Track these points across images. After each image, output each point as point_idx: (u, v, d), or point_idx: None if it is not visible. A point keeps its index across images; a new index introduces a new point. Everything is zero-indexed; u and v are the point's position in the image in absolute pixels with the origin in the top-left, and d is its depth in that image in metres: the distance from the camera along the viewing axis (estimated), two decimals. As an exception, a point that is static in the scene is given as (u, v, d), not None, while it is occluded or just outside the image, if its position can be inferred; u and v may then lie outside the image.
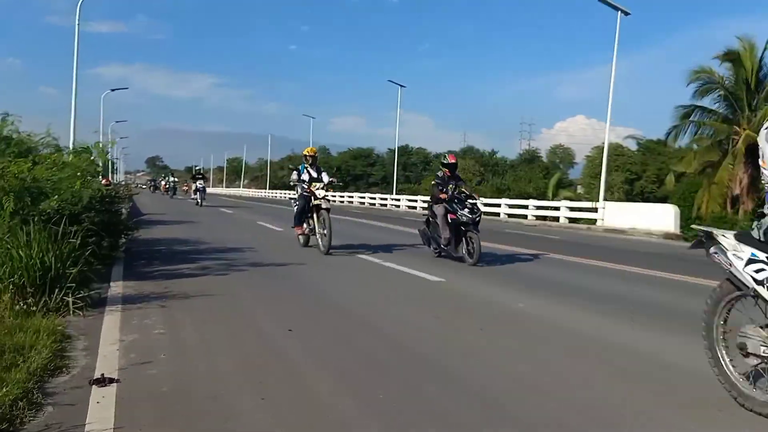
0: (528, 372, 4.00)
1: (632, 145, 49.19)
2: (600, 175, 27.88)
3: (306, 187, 10.58)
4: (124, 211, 9.82)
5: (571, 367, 4.15)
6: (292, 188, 13.68)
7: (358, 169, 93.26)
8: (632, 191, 45.35)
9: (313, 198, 10.39)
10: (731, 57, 26.52)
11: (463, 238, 9.29)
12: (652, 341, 4.98)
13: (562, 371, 4.06)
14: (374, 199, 46.95)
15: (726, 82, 27.05)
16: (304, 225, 10.79)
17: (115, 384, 3.54)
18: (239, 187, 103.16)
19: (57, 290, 5.25)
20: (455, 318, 5.66)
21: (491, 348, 4.62)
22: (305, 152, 11.27)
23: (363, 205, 45.65)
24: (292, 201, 11.60)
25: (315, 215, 10.42)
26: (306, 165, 10.98)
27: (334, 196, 55.12)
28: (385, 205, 43.03)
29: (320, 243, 10.23)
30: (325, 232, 10.02)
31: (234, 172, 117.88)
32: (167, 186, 46.24)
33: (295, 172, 10.97)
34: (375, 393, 3.50)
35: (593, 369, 4.12)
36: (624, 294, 7.44)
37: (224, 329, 5.02)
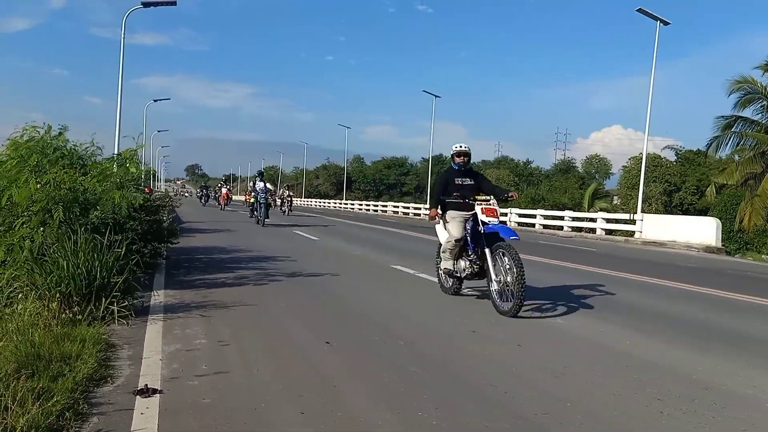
0: (570, 390, 3.94)
1: (671, 156, 48.27)
2: (637, 186, 27.43)
3: None
4: (165, 220, 9.97)
5: (612, 386, 4.07)
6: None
7: (391, 178, 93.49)
8: (671, 203, 44.44)
9: None
10: (775, 66, 25.88)
11: None
12: (691, 361, 4.87)
13: (602, 391, 3.99)
14: (408, 208, 46.95)
15: (769, 92, 26.38)
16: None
17: (158, 395, 3.61)
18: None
19: (102, 299, 5.37)
20: (492, 333, 5.61)
21: (531, 366, 4.56)
22: None
23: (397, 215, 45.68)
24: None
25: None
26: None
27: (368, 206, 55.41)
28: (419, 214, 42.96)
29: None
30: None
31: (270, 181, 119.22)
32: (258, 201, 21.94)
33: None
34: (415, 410, 3.49)
35: (634, 389, 4.03)
36: (664, 310, 7.29)
37: (263, 340, 5.07)
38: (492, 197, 6.96)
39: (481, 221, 6.69)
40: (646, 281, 10.04)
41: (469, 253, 6.92)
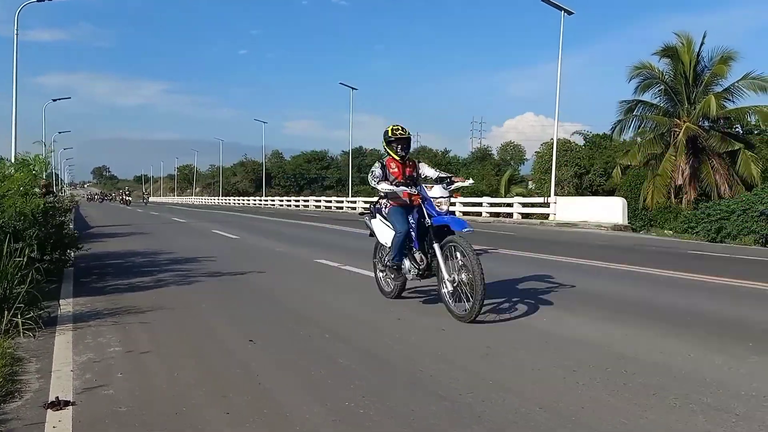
0: (495, 371, 4.05)
1: (580, 141, 50.39)
2: (550, 170, 28.52)
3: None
4: (71, 225, 9.47)
5: (535, 364, 4.21)
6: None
7: (312, 173, 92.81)
8: (581, 185, 46.41)
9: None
10: (669, 53, 27.54)
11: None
12: (605, 332, 5.12)
13: (527, 368, 4.12)
14: (330, 202, 46.81)
15: (665, 77, 28.03)
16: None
17: (70, 407, 3.41)
18: (191, 195, 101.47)
19: (5, 311, 5.03)
20: (417, 319, 5.68)
21: (456, 349, 4.65)
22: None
23: (319, 209, 45.44)
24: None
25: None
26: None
27: (290, 201, 54.67)
28: (341, 207, 42.93)
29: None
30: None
31: (185, 180, 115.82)
32: None
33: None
34: (342, 401, 3.48)
35: (557, 364, 4.19)
36: (578, 287, 7.61)
37: (183, 343, 4.91)
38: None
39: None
40: (561, 260, 10.46)
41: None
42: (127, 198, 56.67)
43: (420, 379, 3.88)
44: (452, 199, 6.75)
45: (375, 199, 6.82)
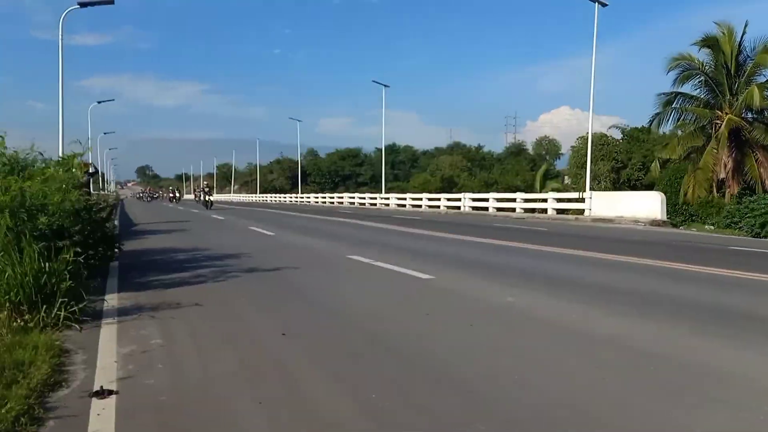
0: (519, 367, 4.12)
1: (617, 134, 49.50)
2: (586, 165, 28.15)
3: None
4: (116, 222, 9.83)
5: (559, 361, 4.27)
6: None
7: (346, 170, 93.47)
8: (619, 180, 45.62)
9: None
10: (710, 43, 26.82)
11: None
12: (633, 330, 5.13)
13: (551, 365, 4.18)
14: (364, 198, 47.09)
15: (706, 68, 27.31)
16: None
17: (114, 396, 3.63)
18: (230, 192, 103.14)
19: (53, 305, 5.31)
20: (446, 315, 5.78)
21: (481, 344, 4.74)
22: None
23: (353, 205, 45.73)
24: None
25: None
26: None
27: (325, 198, 55.14)
28: (375, 204, 43.14)
29: None
30: None
31: (225, 178, 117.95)
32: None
33: None
34: (369, 393, 3.61)
35: (582, 362, 4.24)
36: (610, 283, 7.59)
37: (220, 336, 5.11)
38: None
39: None
40: (594, 257, 10.39)
41: None
42: (207, 198, 37.95)
43: (445, 374, 3.98)
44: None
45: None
